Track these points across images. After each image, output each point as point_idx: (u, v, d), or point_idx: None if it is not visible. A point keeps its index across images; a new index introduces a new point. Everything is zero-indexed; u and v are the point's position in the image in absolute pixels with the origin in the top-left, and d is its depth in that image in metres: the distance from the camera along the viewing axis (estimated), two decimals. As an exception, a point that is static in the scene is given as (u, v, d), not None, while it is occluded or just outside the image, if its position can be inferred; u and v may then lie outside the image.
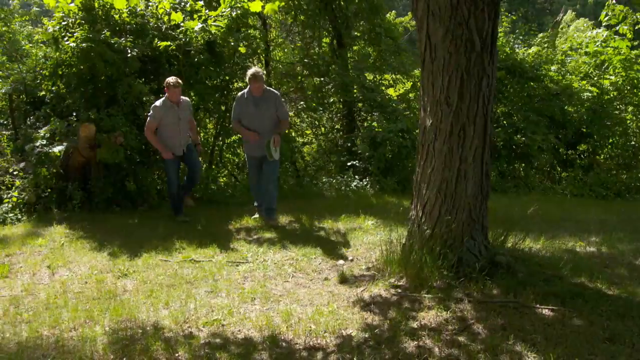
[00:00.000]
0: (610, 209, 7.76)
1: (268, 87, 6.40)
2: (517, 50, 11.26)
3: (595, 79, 10.67)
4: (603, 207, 7.89)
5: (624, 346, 3.06)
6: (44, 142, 7.03)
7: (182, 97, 6.51)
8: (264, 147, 6.18)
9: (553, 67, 10.98)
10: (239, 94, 6.48)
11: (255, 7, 4.74)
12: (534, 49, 11.30)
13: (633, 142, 10.66)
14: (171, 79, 6.31)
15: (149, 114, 6.42)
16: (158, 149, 6.62)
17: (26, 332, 3.42)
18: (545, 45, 11.70)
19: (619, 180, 9.75)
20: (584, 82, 10.68)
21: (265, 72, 5.74)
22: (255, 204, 6.72)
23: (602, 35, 10.70)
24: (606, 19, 10.20)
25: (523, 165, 10.48)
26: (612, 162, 10.75)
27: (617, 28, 10.21)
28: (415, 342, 3.15)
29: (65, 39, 7.32)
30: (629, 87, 10.47)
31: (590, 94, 10.33)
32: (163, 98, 6.42)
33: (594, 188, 9.42)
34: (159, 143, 6.50)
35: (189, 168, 6.81)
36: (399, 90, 12.76)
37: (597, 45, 10.68)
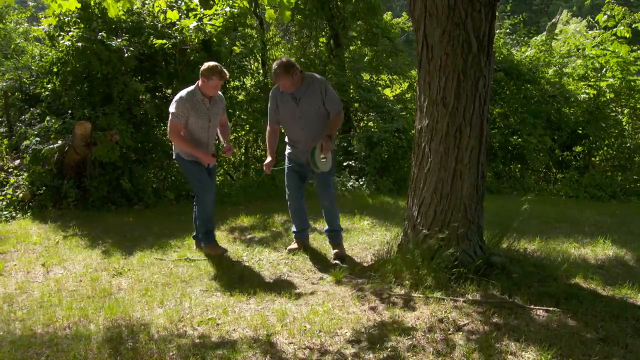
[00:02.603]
0: (605, 210, 7.78)
1: (310, 73, 4.80)
2: (514, 52, 11.28)
3: (593, 80, 10.68)
4: (598, 209, 7.92)
5: (618, 347, 3.07)
6: (39, 139, 7.01)
7: None
8: (309, 155, 4.72)
9: (550, 71, 11.00)
10: (274, 86, 4.88)
11: (269, 14, 4.73)
12: (531, 52, 11.32)
13: (628, 144, 10.69)
14: (214, 64, 4.62)
15: (171, 110, 4.68)
16: (195, 154, 4.79)
17: (20, 331, 3.41)
18: (543, 48, 11.71)
19: (614, 181, 9.78)
20: (582, 83, 10.69)
21: (291, 60, 4.71)
22: (294, 229, 5.22)
23: (599, 37, 10.69)
24: (604, 19, 10.18)
25: (519, 166, 10.50)
26: (607, 164, 10.78)
27: (615, 30, 10.18)
28: (410, 342, 3.16)
29: (61, 37, 7.30)
30: (626, 90, 10.48)
31: (587, 96, 10.35)
32: (191, 88, 4.73)
33: (589, 189, 9.45)
34: (193, 147, 4.75)
35: None
36: (396, 90, 12.78)
37: (595, 47, 10.67)
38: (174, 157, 5.03)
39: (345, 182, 8.97)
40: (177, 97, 4.73)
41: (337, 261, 4.79)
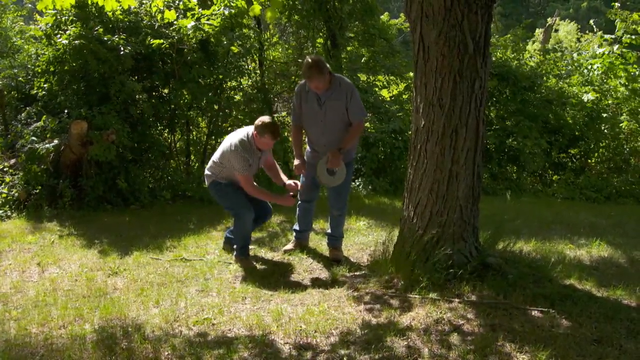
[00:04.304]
0: (600, 212, 7.81)
1: (338, 75, 4.55)
2: (511, 56, 11.27)
3: (597, 84, 10.64)
4: (593, 210, 7.95)
5: (612, 348, 3.09)
6: (35, 138, 6.99)
7: None
8: (317, 166, 4.56)
9: (550, 78, 10.99)
10: (300, 83, 4.65)
11: (255, 10, 4.70)
12: (533, 60, 11.27)
13: (625, 147, 10.70)
14: (269, 122, 4.42)
15: (235, 167, 4.51)
16: (276, 202, 4.89)
17: (14, 330, 3.40)
18: (547, 58, 11.65)
19: (609, 183, 9.81)
20: (587, 88, 10.64)
21: (321, 60, 4.39)
22: (296, 227, 5.14)
23: (613, 48, 10.58)
24: (622, 32, 10.13)
25: (515, 168, 10.51)
26: (603, 166, 10.80)
27: (628, 38, 10.15)
28: (405, 342, 3.16)
29: (58, 36, 7.28)
30: (632, 96, 10.44)
31: (590, 98, 10.31)
32: (246, 139, 4.50)
33: (585, 191, 9.47)
34: (271, 195, 4.93)
35: (258, 208, 4.84)
36: (393, 91, 12.78)
37: (602, 55, 10.58)
38: (207, 185, 4.85)
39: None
40: (233, 147, 4.47)
41: (333, 263, 4.78)
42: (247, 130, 4.58)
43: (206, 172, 4.84)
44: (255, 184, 4.70)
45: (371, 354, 3.03)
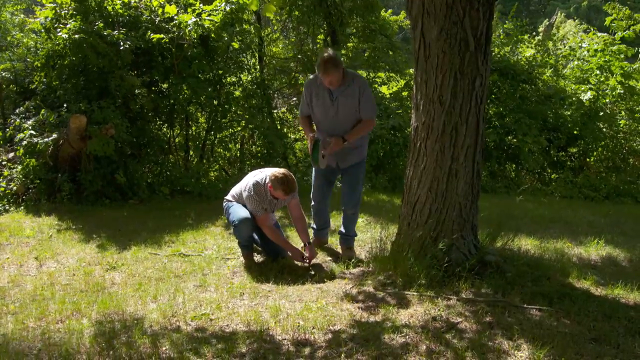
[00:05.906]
0: (598, 211, 7.82)
1: (351, 71, 4.53)
2: (508, 51, 11.26)
3: (594, 82, 10.64)
4: (592, 209, 7.95)
5: (610, 347, 3.09)
6: (33, 132, 6.97)
7: None
8: (313, 149, 4.52)
9: (547, 72, 10.98)
10: (311, 77, 4.60)
11: (253, 6, 4.64)
12: (529, 52, 11.28)
13: (623, 146, 10.70)
14: (282, 177, 4.43)
15: (249, 203, 4.58)
16: (286, 248, 4.71)
17: (12, 324, 3.39)
18: (540, 48, 11.67)
19: (608, 182, 9.82)
20: (584, 86, 10.63)
21: (337, 55, 4.37)
22: (313, 226, 5.09)
23: (600, 42, 10.60)
24: (613, 25, 10.15)
25: (514, 166, 10.52)
26: (602, 165, 10.81)
27: (621, 34, 10.17)
28: (403, 340, 3.16)
29: (58, 30, 7.26)
30: (628, 95, 10.44)
31: (586, 96, 10.31)
32: (261, 185, 4.55)
33: (583, 190, 9.48)
34: (288, 242, 4.78)
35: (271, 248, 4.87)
36: (392, 88, 12.77)
37: (598, 51, 10.58)
38: (225, 205, 4.86)
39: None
40: (247, 191, 4.58)
41: (347, 254, 4.79)
42: (265, 175, 4.60)
43: (225, 198, 4.92)
44: (271, 225, 4.69)
45: (369, 351, 3.02)
